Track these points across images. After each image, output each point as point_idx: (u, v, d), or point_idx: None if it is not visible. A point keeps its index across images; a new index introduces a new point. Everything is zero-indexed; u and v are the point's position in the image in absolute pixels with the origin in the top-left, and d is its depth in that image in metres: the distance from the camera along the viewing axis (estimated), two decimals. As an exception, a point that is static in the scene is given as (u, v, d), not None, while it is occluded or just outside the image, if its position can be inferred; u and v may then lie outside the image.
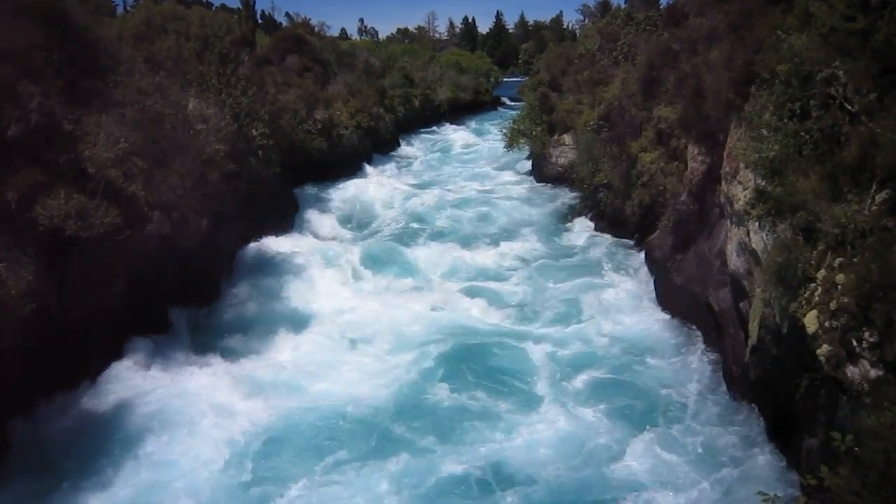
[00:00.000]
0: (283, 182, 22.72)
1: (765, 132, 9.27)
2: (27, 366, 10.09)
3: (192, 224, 14.11)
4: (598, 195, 21.98)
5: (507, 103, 63.59)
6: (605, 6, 50.82)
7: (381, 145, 36.73)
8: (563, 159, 27.57)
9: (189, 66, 17.72)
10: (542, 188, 28.82)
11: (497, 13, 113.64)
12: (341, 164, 29.88)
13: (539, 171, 30.11)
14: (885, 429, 5.06)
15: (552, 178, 28.66)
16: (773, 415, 9.95)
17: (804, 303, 7.81)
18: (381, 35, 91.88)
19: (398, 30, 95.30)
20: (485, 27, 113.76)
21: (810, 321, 7.56)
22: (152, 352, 12.83)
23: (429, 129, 48.86)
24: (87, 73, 12.57)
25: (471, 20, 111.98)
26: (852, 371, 6.87)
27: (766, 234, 9.24)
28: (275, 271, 17.58)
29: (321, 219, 23.58)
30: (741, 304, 10.98)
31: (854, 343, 6.86)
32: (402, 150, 39.80)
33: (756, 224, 9.61)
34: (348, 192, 27.58)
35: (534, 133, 29.50)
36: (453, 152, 40.38)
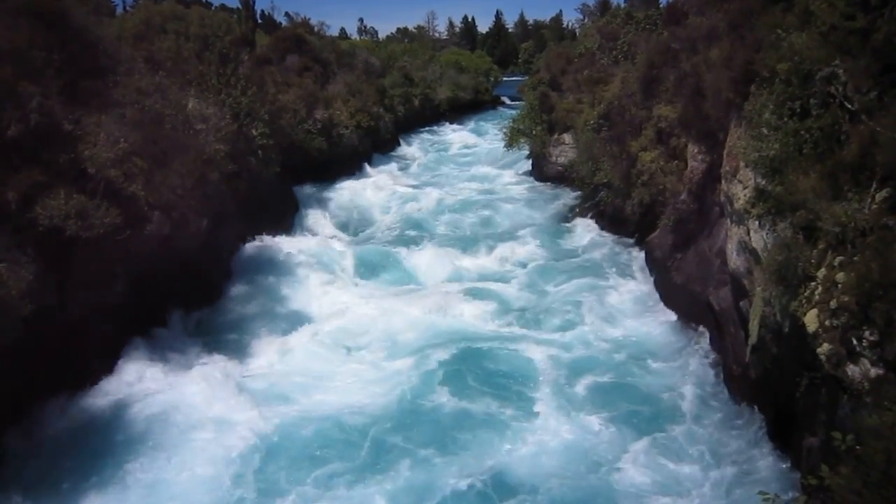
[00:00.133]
0: (282, 182, 22.72)
1: (765, 131, 9.27)
2: (27, 366, 10.09)
3: (192, 224, 14.10)
4: (598, 194, 22.00)
5: (507, 103, 63.52)
6: (604, 5, 50.85)
7: (380, 145, 36.73)
8: (563, 158, 27.60)
9: (189, 66, 17.71)
10: (542, 187, 28.80)
11: (497, 12, 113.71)
12: (341, 163, 29.90)
13: (539, 171, 30.12)
14: (886, 428, 5.06)
15: (552, 178, 28.69)
16: (773, 414, 9.95)
17: (804, 302, 7.81)
18: (381, 35, 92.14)
19: (398, 29, 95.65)
20: (484, 26, 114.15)
21: (811, 320, 7.56)
22: (152, 353, 12.78)
23: (429, 129, 48.85)
24: (86, 74, 12.56)
25: (470, 19, 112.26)
26: (853, 370, 6.87)
27: (767, 233, 9.24)
28: (274, 273, 17.48)
29: (320, 219, 23.55)
30: (741, 304, 10.98)
31: (854, 342, 6.86)
32: (402, 150, 39.78)
33: (756, 223, 9.61)
34: (348, 193, 27.57)
35: (534, 132, 29.50)
36: (453, 152, 40.35)
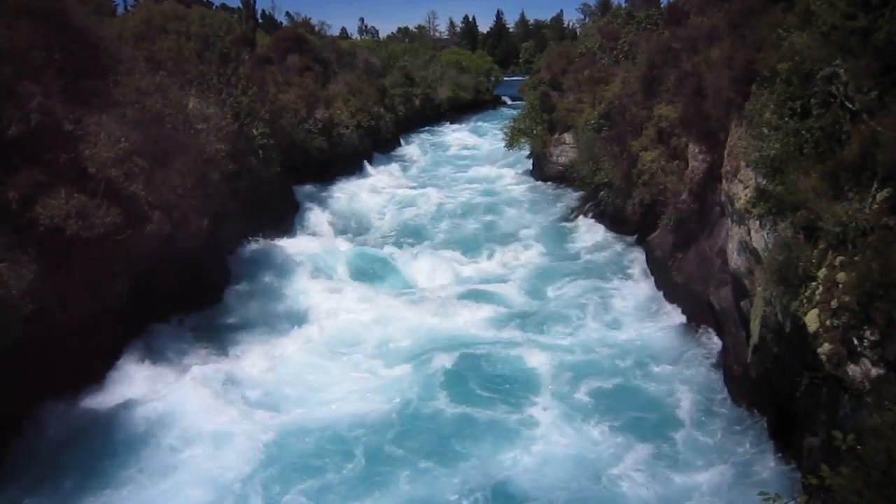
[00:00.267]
0: (283, 181, 22.72)
1: (765, 131, 9.26)
2: (27, 366, 10.09)
3: (192, 224, 14.10)
4: (598, 194, 21.99)
5: (508, 102, 63.52)
6: (605, 5, 50.95)
7: (381, 144, 36.74)
8: (563, 158, 27.60)
9: (189, 66, 17.70)
10: (542, 187, 28.79)
11: (497, 12, 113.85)
12: (342, 163, 29.92)
13: (540, 171, 30.12)
14: (887, 427, 5.05)
15: (553, 177, 28.70)
16: (774, 414, 9.94)
17: (805, 301, 7.80)
18: (382, 34, 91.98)
19: (399, 29, 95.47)
20: (485, 26, 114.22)
21: (811, 320, 7.55)
22: (152, 354, 12.78)
23: (429, 129, 48.85)
24: (87, 73, 12.56)
25: (471, 19, 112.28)
26: (853, 370, 6.87)
27: (767, 233, 9.23)
28: (274, 275, 17.36)
29: (321, 219, 23.51)
30: (742, 303, 10.97)
31: (855, 341, 6.86)
32: (403, 150, 39.79)
33: (757, 223, 9.60)
34: (348, 193, 27.58)
35: (534, 132, 29.48)
36: (453, 151, 40.34)
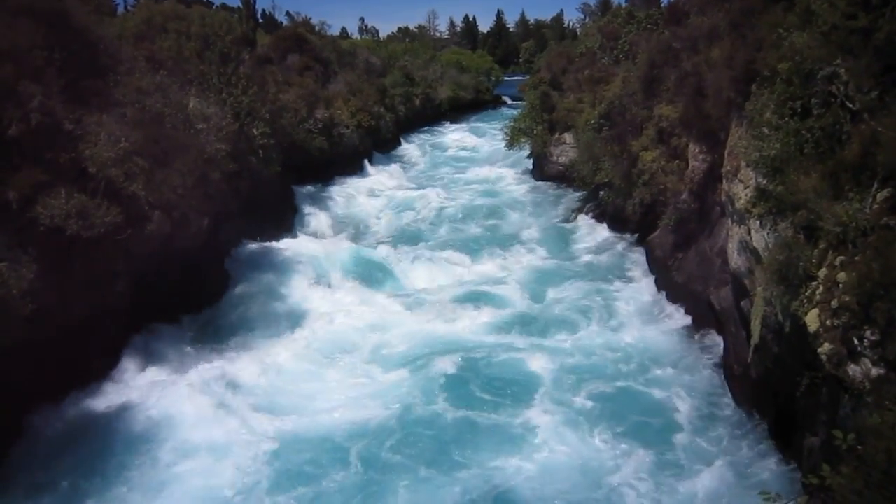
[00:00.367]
0: (283, 181, 22.72)
1: (766, 131, 9.26)
2: (28, 366, 10.09)
3: (192, 224, 14.10)
4: (599, 194, 21.99)
5: (508, 102, 63.56)
6: (605, 5, 50.97)
7: (381, 144, 36.73)
8: (563, 158, 27.62)
9: (190, 66, 17.68)
10: (543, 187, 28.80)
11: (498, 12, 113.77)
12: (342, 163, 29.92)
13: (540, 170, 30.13)
14: (888, 427, 5.05)
15: (553, 177, 28.72)
16: (774, 414, 9.94)
17: (805, 301, 7.81)
18: (382, 34, 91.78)
19: (399, 29, 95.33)
20: (485, 26, 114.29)
21: (812, 320, 7.56)
22: (152, 355, 12.79)
23: (430, 129, 48.85)
24: (87, 73, 12.55)
25: (471, 19, 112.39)
26: (854, 369, 6.87)
27: (768, 233, 9.23)
28: (273, 276, 17.29)
29: (320, 220, 23.52)
30: (742, 303, 10.97)
31: (855, 341, 6.86)
32: (403, 149, 39.79)
33: (757, 222, 9.60)
34: (348, 193, 27.58)
35: (535, 132, 29.49)
36: (454, 151, 40.34)
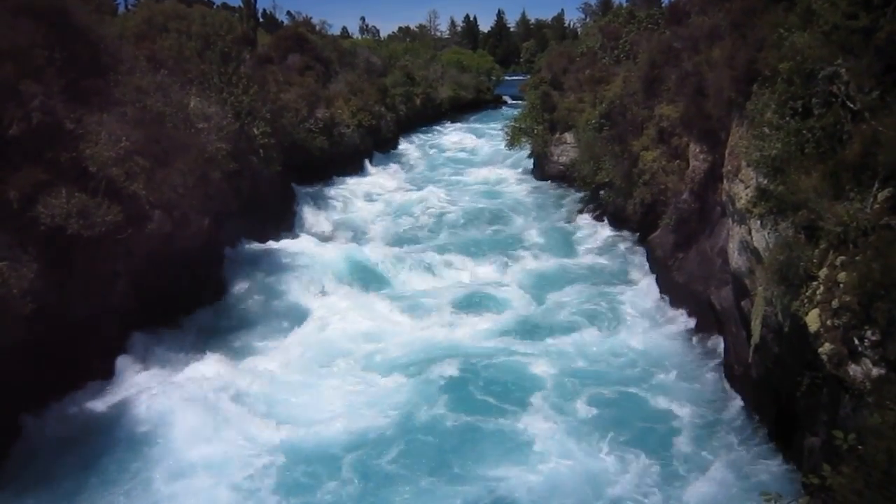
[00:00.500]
0: (284, 181, 22.72)
1: (767, 130, 9.26)
2: (28, 366, 10.09)
3: (193, 223, 14.11)
4: (599, 194, 21.99)
5: (509, 102, 63.47)
6: (606, 4, 50.94)
7: (382, 144, 36.72)
8: (564, 158, 27.62)
9: (190, 65, 17.68)
10: (543, 187, 28.79)
11: (498, 11, 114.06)
12: (342, 162, 29.93)
13: (540, 170, 30.13)
14: (888, 427, 5.05)
15: (554, 177, 28.73)
16: (775, 414, 9.94)
17: (806, 301, 7.81)
18: (383, 33, 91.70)
19: (399, 28, 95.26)
20: (486, 25, 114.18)
21: (812, 320, 7.55)
22: (152, 355, 12.76)
23: (430, 128, 48.82)
24: (88, 72, 12.57)
25: (472, 18, 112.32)
26: (854, 369, 6.87)
27: (768, 233, 9.23)
28: (273, 277, 17.20)
29: (320, 219, 23.51)
30: (743, 303, 10.96)
31: (856, 341, 6.86)
32: (404, 149, 39.77)
33: (758, 222, 9.60)
34: (349, 192, 27.57)
35: (535, 131, 29.49)
36: (454, 151, 40.29)
